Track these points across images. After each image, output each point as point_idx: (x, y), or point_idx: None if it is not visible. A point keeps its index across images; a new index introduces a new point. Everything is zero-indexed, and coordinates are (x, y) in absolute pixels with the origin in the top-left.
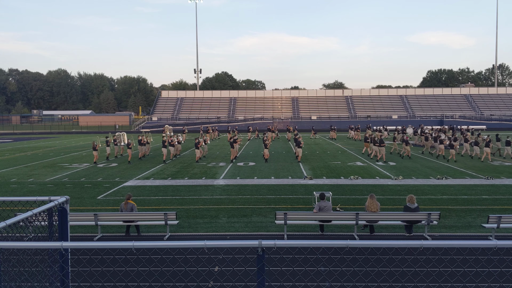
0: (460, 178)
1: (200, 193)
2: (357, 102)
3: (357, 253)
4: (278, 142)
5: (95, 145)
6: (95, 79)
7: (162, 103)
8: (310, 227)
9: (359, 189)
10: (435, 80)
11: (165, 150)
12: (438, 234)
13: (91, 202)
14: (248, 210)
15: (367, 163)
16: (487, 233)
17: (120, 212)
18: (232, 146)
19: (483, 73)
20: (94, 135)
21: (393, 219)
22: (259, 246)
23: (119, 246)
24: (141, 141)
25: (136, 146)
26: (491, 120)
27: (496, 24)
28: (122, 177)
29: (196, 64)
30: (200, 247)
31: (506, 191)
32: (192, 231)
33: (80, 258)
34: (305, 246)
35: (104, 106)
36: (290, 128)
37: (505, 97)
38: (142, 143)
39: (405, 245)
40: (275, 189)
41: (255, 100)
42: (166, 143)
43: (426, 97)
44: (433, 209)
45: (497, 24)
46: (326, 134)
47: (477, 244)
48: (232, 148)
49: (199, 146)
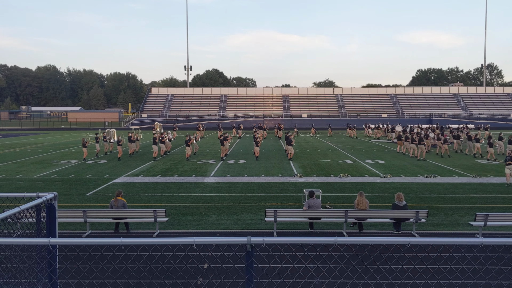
0: (448, 176)
1: (190, 191)
2: (347, 101)
3: (346, 250)
4: (268, 140)
5: (84, 141)
6: (84, 76)
7: (152, 100)
8: (300, 224)
9: (348, 187)
10: (425, 79)
11: (155, 147)
12: (426, 232)
13: (80, 199)
14: (238, 208)
15: (357, 161)
16: (474, 231)
17: (110, 209)
18: (223, 144)
19: (472, 73)
20: (84, 132)
21: (382, 216)
22: (248, 243)
23: (107, 242)
24: (131, 138)
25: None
26: (480, 119)
27: (485, 24)
28: (112, 174)
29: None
30: (189, 243)
31: (494, 190)
32: (182, 229)
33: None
34: (293, 242)
35: (93, 103)
36: (281, 126)
37: (493, 97)
38: (132, 140)
39: (393, 242)
40: (265, 187)
41: (246, 97)
42: (157, 140)
43: (415, 96)
44: (421, 207)
45: (486, 24)
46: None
47: (464, 241)
48: (222, 145)
49: (190, 143)
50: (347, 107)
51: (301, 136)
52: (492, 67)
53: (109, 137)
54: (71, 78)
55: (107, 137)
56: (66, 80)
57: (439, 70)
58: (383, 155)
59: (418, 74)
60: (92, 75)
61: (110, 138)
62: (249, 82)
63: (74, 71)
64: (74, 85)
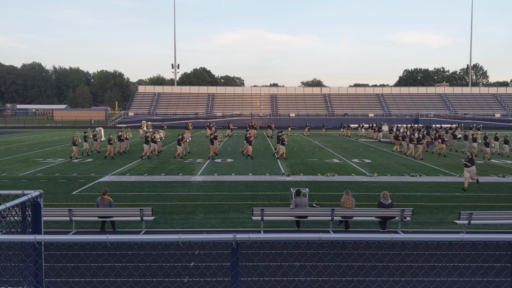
0: (433, 175)
1: (176, 189)
2: (334, 100)
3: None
4: (256, 139)
5: (74, 140)
6: (70, 73)
7: (138, 98)
8: (287, 223)
9: (335, 185)
10: (411, 79)
11: (146, 146)
12: (411, 230)
13: (65, 197)
14: (225, 206)
15: (344, 160)
16: (458, 229)
17: (96, 207)
18: (212, 143)
19: (457, 73)
20: (69, 130)
21: (368, 215)
22: (234, 240)
23: (93, 239)
24: (121, 136)
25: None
26: (465, 119)
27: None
28: (98, 172)
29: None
30: (175, 240)
31: (478, 189)
32: (168, 227)
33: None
34: (278, 239)
35: (79, 101)
36: (272, 125)
37: (478, 97)
38: (122, 139)
39: (376, 238)
40: (252, 186)
41: (234, 96)
42: (149, 139)
43: (402, 96)
44: (406, 206)
45: (472, 26)
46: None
47: (445, 238)
48: (211, 144)
49: (183, 142)
50: (334, 106)
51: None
52: (477, 67)
53: (99, 136)
54: (57, 76)
55: (97, 136)
56: (52, 77)
57: (425, 70)
58: (369, 154)
59: (405, 74)
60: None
61: (100, 136)
62: (237, 81)
63: (60, 68)
64: (60, 83)
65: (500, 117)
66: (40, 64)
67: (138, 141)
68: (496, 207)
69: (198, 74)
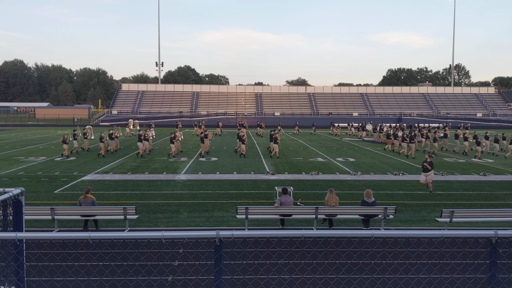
0: (416, 174)
1: (160, 188)
2: (319, 99)
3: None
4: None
5: (65, 138)
6: (53, 71)
7: (122, 96)
8: (271, 221)
9: (319, 184)
10: (395, 78)
11: (141, 145)
12: (394, 228)
13: (47, 196)
14: (209, 205)
15: (328, 159)
16: (440, 227)
17: (79, 206)
18: (203, 141)
19: (440, 73)
20: (52, 128)
21: (351, 213)
22: (217, 237)
23: (75, 237)
24: (112, 135)
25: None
26: (448, 119)
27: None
28: (81, 171)
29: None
30: (158, 238)
31: (460, 187)
32: (152, 226)
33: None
34: (261, 236)
35: (62, 99)
36: (262, 124)
37: (460, 96)
38: (112, 138)
39: (358, 234)
40: (237, 184)
41: (219, 95)
42: (142, 137)
43: (385, 95)
44: (389, 204)
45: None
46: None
47: (426, 234)
48: (202, 143)
49: (175, 140)
50: (319, 105)
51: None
52: (460, 67)
53: (89, 134)
54: (39, 73)
55: (87, 134)
56: (34, 75)
57: (409, 70)
58: (353, 153)
59: (389, 73)
60: (60, 70)
61: (90, 135)
62: (221, 80)
63: (42, 66)
64: (42, 81)
65: (482, 116)
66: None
67: (124, 139)
68: (477, 205)
69: (182, 72)
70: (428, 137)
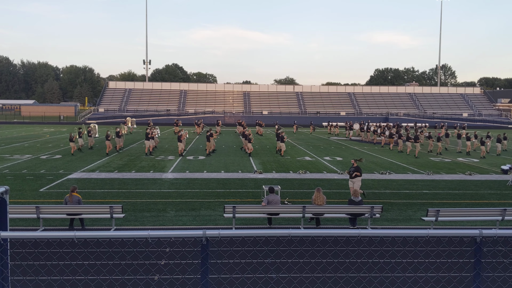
0: (403, 173)
1: (147, 187)
2: (307, 98)
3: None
4: (228, 136)
5: (72, 136)
6: (39, 68)
7: (109, 94)
8: (259, 220)
9: (307, 183)
10: (382, 78)
11: (148, 143)
12: (380, 227)
13: (33, 194)
14: (196, 204)
15: (316, 158)
16: (426, 226)
17: (64, 204)
18: (208, 140)
19: (427, 73)
20: (37, 126)
21: (338, 211)
22: (204, 236)
23: (60, 236)
24: (119, 133)
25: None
26: (434, 118)
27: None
28: (66, 169)
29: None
30: (144, 237)
31: (445, 186)
32: (139, 225)
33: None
34: (248, 235)
35: (48, 96)
36: (262, 123)
37: (446, 96)
38: (119, 135)
39: (344, 234)
40: (224, 183)
41: (207, 93)
42: (150, 135)
43: (372, 94)
44: (376, 203)
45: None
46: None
47: (411, 233)
48: (208, 141)
49: (182, 139)
50: (307, 104)
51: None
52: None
53: (94, 132)
54: (25, 71)
55: (91, 132)
56: (20, 72)
57: (396, 70)
58: (341, 152)
59: (376, 73)
60: (47, 67)
61: (95, 133)
62: (209, 78)
63: (28, 63)
64: (28, 78)
65: (467, 116)
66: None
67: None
68: (462, 204)
69: (170, 71)
70: (431, 136)
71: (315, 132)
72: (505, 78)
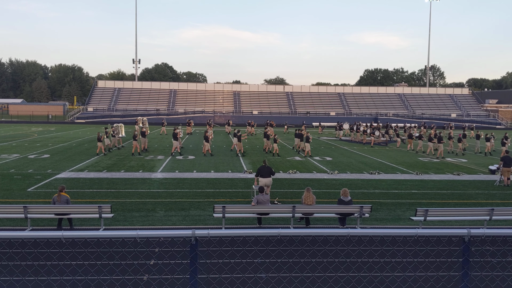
0: (392, 173)
1: (136, 186)
2: (297, 98)
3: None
4: (218, 136)
5: (100, 136)
6: (27, 67)
7: (98, 93)
8: (248, 220)
9: (296, 183)
10: (371, 79)
11: (176, 143)
12: (369, 226)
13: (20, 194)
14: (186, 204)
15: (305, 158)
16: (415, 226)
17: (52, 204)
18: (207, 140)
19: (416, 74)
20: (25, 125)
21: (328, 211)
22: (193, 236)
23: (47, 236)
24: (145, 132)
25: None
26: (422, 119)
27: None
28: (55, 168)
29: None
30: (132, 237)
31: (434, 186)
32: (128, 225)
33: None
34: (238, 235)
35: (36, 95)
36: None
37: (435, 97)
38: (145, 135)
39: (334, 233)
40: (214, 183)
41: (196, 93)
42: (178, 136)
43: (362, 95)
44: (365, 203)
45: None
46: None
47: (400, 233)
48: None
49: (210, 139)
50: (297, 104)
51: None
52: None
53: (117, 132)
54: (13, 69)
55: (115, 132)
56: (8, 71)
57: (385, 71)
58: (330, 152)
59: (366, 73)
60: (35, 66)
61: (118, 132)
62: (199, 77)
63: (17, 61)
64: (16, 77)
65: (456, 117)
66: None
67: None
68: (450, 204)
69: (159, 70)
70: (451, 137)
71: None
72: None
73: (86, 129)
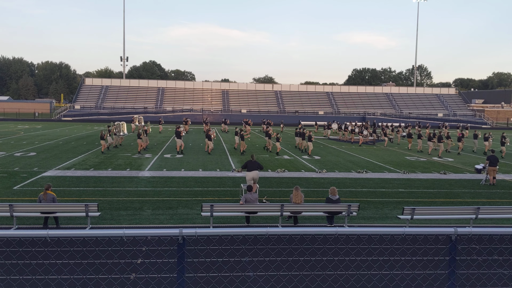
0: (379, 172)
1: (124, 185)
2: (286, 97)
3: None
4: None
5: (103, 134)
6: (13, 64)
7: (85, 91)
8: (237, 219)
9: (285, 181)
10: (359, 78)
11: (180, 141)
12: (357, 225)
13: (6, 192)
14: (174, 202)
15: (294, 156)
16: (402, 224)
17: (38, 203)
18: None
19: (403, 73)
20: (11, 123)
21: (316, 210)
22: (180, 235)
23: (33, 234)
24: (147, 131)
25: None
26: (410, 118)
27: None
28: (41, 167)
29: (123, 52)
30: (119, 236)
31: (421, 185)
32: (115, 223)
33: None
34: (225, 234)
35: (23, 93)
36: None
37: (422, 97)
38: (146, 133)
39: (322, 232)
40: (202, 182)
41: (185, 91)
42: (182, 134)
43: (350, 94)
44: (353, 201)
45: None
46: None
47: (388, 231)
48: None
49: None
50: (285, 103)
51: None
52: (422, 68)
53: (118, 130)
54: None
55: (116, 130)
56: None
57: (373, 70)
58: (319, 151)
59: (354, 73)
60: (21, 63)
61: (119, 131)
62: (188, 76)
63: (3, 58)
64: (2, 74)
65: (443, 116)
66: None
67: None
68: (437, 203)
69: (147, 68)
70: (449, 137)
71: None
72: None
73: (73, 127)
